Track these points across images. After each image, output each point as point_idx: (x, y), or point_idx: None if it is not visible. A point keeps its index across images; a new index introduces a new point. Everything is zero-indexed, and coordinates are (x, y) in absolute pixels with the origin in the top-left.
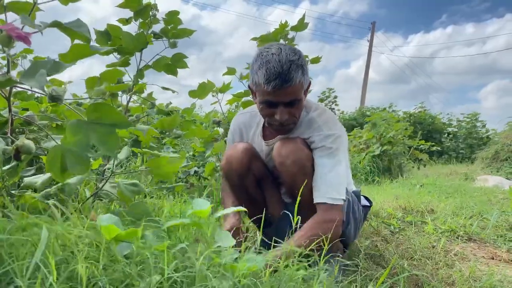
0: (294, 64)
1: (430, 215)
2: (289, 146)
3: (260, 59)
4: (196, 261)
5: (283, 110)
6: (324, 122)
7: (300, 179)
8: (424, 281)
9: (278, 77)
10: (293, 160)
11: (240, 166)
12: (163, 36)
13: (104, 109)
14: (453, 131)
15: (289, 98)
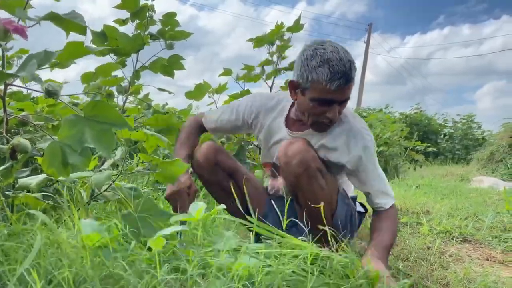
0: (353, 64)
1: (425, 216)
2: (295, 146)
3: (318, 56)
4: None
5: (334, 109)
6: (361, 127)
7: (304, 180)
8: (419, 282)
9: (343, 77)
10: (299, 161)
11: (206, 163)
12: (160, 38)
13: (102, 107)
14: (449, 132)
15: (345, 97)
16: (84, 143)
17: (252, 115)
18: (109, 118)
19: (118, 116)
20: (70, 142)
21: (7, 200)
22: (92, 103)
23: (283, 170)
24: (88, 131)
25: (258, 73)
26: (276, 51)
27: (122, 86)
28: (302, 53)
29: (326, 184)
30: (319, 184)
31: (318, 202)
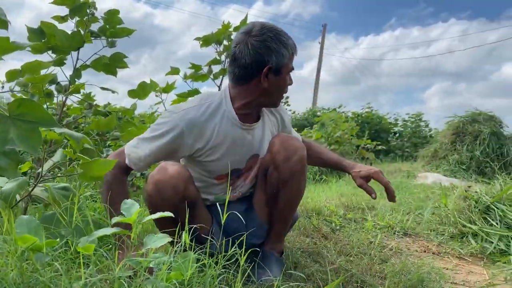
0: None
1: (370, 212)
2: (295, 143)
3: (278, 35)
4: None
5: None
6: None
7: (298, 177)
8: (358, 276)
9: (295, 46)
10: (300, 158)
11: (174, 195)
12: (101, 35)
13: (29, 105)
14: (399, 131)
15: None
16: (9, 143)
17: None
18: (36, 116)
19: (46, 114)
20: None
21: None
22: (17, 101)
23: (279, 165)
24: (13, 131)
25: (206, 72)
26: (223, 51)
27: (61, 85)
28: (261, 40)
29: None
30: (305, 182)
31: (300, 197)
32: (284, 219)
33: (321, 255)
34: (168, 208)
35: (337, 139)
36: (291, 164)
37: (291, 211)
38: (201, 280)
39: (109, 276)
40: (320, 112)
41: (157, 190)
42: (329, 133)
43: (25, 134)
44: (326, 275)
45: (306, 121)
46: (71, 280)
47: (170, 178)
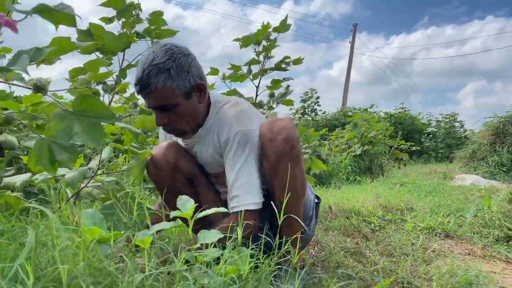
0: (156, 68)
1: (409, 213)
2: (281, 123)
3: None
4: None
5: (158, 114)
6: (234, 117)
7: (287, 159)
8: (403, 277)
9: (138, 83)
10: (285, 137)
11: (165, 165)
12: (146, 36)
13: (90, 102)
14: (432, 131)
15: (157, 103)
16: (74, 137)
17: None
18: (97, 111)
19: (106, 109)
20: (59, 136)
21: None
22: (79, 97)
23: (265, 148)
24: (77, 125)
25: (245, 72)
26: (262, 51)
27: (108, 85)
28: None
29: (304, 172)
30: (300, 167)
31: (296, 191)
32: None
33: (364, 256)
34: (163, 178)
35: (371, 140)
36: (277, 144)
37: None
38: (256, 276)
39: (170, 269)
40: (351, 112)
41: (152, 161)
42: (362, 133)
43: (88, 129)
44: (371, 275)
45: (337, 121)
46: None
47: (162, 149)
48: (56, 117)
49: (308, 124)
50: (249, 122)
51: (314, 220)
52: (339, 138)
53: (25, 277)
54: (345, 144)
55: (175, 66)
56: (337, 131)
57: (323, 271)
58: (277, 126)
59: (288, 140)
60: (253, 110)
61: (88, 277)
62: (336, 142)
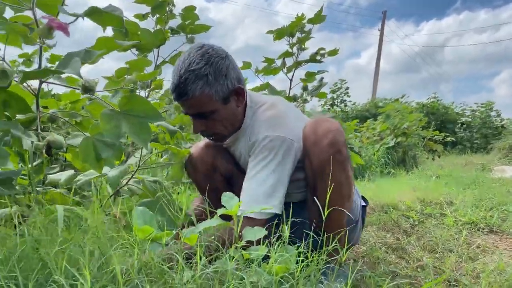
0: (194, 75)
1: (449, 207)
2: (326, 124)
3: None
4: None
5: (196, 121)
6: (266, 121)
7: (332, 164)
8: (449, 275)
9: (175, 90)
10: (331, 141)
11: (203, 165)
12: (181, 32)
13: (137, 101)
14: (467, 121)
15: (194, 111)
16: (122, 136)
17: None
18: (143, 111)
19: (152, 109)
20: (108, 136)
21: (37, 196)
22: (126, 97)
23: (309, 151)
24: (125, 125)
25: (278, 66)
26: (296, 43)
27: (144, 82)
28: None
29: (352, 177)
30: (346, 173)
31: (341, 194)
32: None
33: (406, 251)
34: (200, 177)
35: (404, 131)
36: (320, 149)
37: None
38: (305, 274)
39: (222, 267)
40: (382, 102)
41: (190, 161)
42: (395, 124)
43: (135, 129)
44: (414, 272)
45: (368, 112)
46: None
47: (199, 149)
48: (104, 117)
49: (338, 116)
50: (280, 127)
51: (361, 224)
52: (370, 129)
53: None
54: (377, 136)
55: (212, 71)
56: (368, 122)
57: (366, 268)
58: (321, 128)
59: (334, 144)
60: (291, 113)
61: (143, 276)
62: (368, 133)
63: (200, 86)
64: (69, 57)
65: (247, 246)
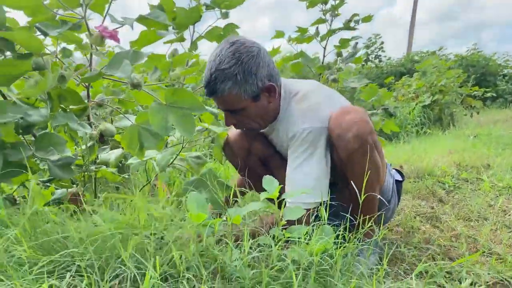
0: (223, 74)
1: (486, 171)
2: (350, 116)
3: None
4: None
5: (227, 116)
6: (301, 113)
7: (358, 157)
8: (483, 244)
9: (206, 86)
10: (355, 134)
11: (239, 149)
12: (215, 7)
13: (181, 94)
14: (509, 73)
15: (224, 107)
16: (169, 128)
17: None
18: (188, 103)
19: (196, 101)
20: (156, 128)
21: (90, 174)
22: (171, 90)
23: (335, 143)
24: (171, 117)
25: (312, 34)
26: (329, 10)
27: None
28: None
29: (380, 160)
30: (374, 160)
31: (370, 181)
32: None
33: (440, 220)
34: (237, 160)
35: (441, 88)
36: (346, 143)
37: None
38: (343, 252)
39: (268, 251)
40: (418, 56)
41: (227, 144)
42: (432, 82)
43: (181, 120)
44: (448, 241)
45: (403, 67)
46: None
47: (235, 134)
48: (152, 110)
49: (372, 72)
50: (316, 117)
51: (395, 199)
52: (406, 87)
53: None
54: (412, 93)
55: (241, 71)
56: (403, 79)
57: (399, 238)
58: (346, 121)
59: (358, 137)
60: (325, 99)
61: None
62: (403, 91)
63: (229, 86)
64: (118, 58)
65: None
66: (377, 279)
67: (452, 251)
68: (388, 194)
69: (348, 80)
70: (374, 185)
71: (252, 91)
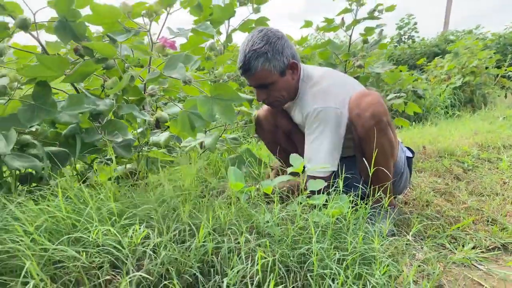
0: (256, 53)
1: (506, 151)
2: (368, 98)
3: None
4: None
5: (258, 91)
6: (312, 96)
7: (374, 132)
8: (489, 215)
9: (241, 67)
10: (372, 113)
11: (267, 124)
12: (248, 2)
13: (223, 88)
14: None
15: (257, 83)
16: (214, 116)
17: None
18: (229, 95)
19: (236, 94)
20: (204, 116)
21: (143, 154)
22: (215, 85)
23: (354, 122)
24: (216, 107)
25: (338, 24)
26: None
27: (217, 50)
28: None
29: (393, 138)
30: (388, 137)
31: (385, 154)
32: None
33: (453, 195)
34: (266, 134)
35: (473, 70)
36: (363, 121)
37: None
38: (355, 216)
39: (293, 211)
40: (454, 35)
41: (257, 121)
42: (463, 63)
43: (224, 110)
44: (458, 213)
45: (437, 48)
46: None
47: (264, 111)
48: (200, 102)
49: (405, 53)
50: (327, 98)
51: (407, 173)
52: (438, 68)
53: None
54: (444, 74)
55: (271, 49)
56: (436, 60)
57: (414, 210)
58: (364, 102)
59: (374, 116)
60: (336, 83)
61: (238, 218)
62: (435, 72)
63: (261, 62)
64: (172, 61)
65: (311, 195)
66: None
67: (461, 222)
68: (401, 168)
69: (374, 66)
70: (388, 158)
71: (280, 66)
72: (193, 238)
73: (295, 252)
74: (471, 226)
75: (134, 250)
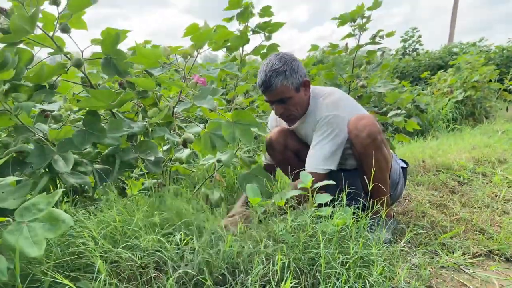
0: (275, 72)
1: (500, 165)
2: (364, 121)
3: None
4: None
5: (277, 106)
6: (325, 105)
7: (371, 149)
8: (478, 226)
9: (263, 84)
10: (368, 133)
11: (278, 145)
12: (261, 31)
13: (243, 114)
14: None
15: (276, 98)
16: (235, 139)
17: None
18: (248, 121)
19: (254, 119)
20: (227, 138)
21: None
22: (236, 112)
23: (353, 141)
24: (237, 131)
25: (342, 48)
26: (357, 26)
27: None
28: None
29: (388, 153)
30: (383, 152)
31: (381, 169)
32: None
33: (447, 207)
34: (277, 154)
35: (474, 84)
36: (361, 140)
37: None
38: (356, 226)
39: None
40: (458, 48)
41: (268, 142)
42: (465, 78)
43: (243, 134)
44: (450, 223)
45: (441, 60)
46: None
47: (274, 134)
48: (224, 126)
49: (409, 66)
50: (336, 108)
51: (402, 183)
52: (441, 81)
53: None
54: (447, 88)
55: (288, 68)
56: (439, 73)
57: (410, 220)
58: (361, 124)
59: (370, 135)
60: (345, 99)
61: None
62: (438, 85)
63: (281, 80)
64: (202, 92)
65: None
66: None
67: (452, 231)
68: (396, 177)
69: (376, 86)
70: (383, 171)
71: (296, 83)
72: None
73: (306, 256)
74: (461, 235)
75: (176, 254)
